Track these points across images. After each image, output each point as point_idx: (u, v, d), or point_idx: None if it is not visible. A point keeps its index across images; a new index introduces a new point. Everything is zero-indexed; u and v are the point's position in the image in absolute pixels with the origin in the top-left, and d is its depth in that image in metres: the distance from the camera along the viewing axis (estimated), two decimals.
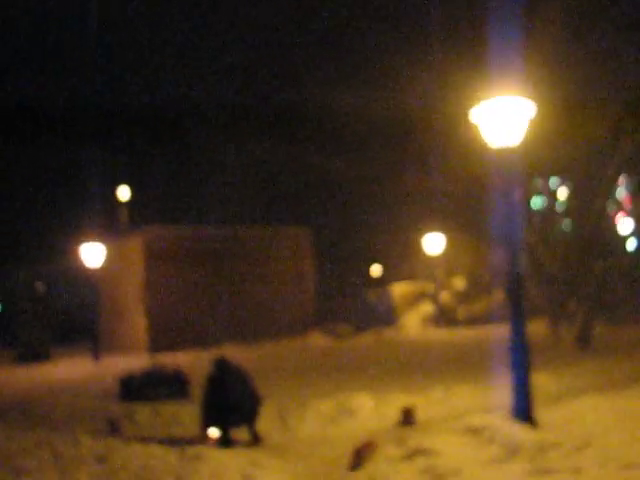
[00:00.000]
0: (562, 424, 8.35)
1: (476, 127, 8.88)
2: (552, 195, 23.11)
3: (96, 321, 27.25)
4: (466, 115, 9.02)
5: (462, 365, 16.07)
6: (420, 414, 10.18)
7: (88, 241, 27.14)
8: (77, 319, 44.58)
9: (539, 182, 22.52)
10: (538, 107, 8.74)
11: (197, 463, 7.71)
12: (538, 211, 22.74)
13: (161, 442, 9.49)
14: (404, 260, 37.10)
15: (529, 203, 21.28)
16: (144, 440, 9.73)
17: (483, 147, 9.17)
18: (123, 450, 8.90)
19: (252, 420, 9.70)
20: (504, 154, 8.60)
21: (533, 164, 17.07)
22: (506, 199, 8.85)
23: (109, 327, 30.31)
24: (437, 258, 31.28)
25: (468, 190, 19.59)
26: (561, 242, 20.89)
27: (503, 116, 8.41)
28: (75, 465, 8.25)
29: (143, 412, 12.19)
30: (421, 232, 31.35)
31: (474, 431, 7.97)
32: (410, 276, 34.76)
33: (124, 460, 8.27)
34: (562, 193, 23.35)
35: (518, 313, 8.55)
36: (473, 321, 29.99)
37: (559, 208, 23.33)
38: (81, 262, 28.25)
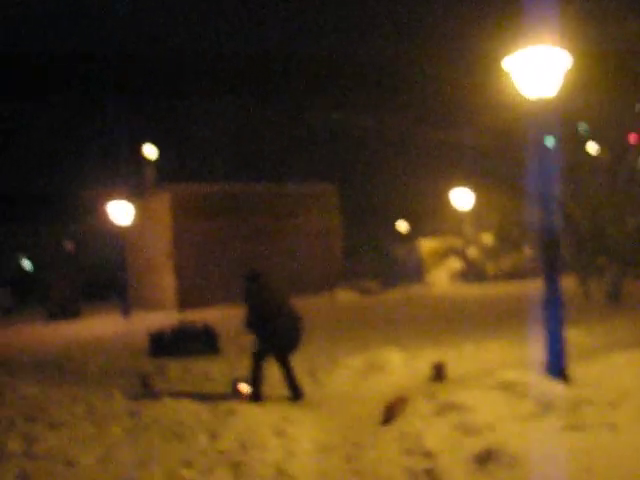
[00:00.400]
0: (596, 380, 8.26)
1: (509, 77, 8.65)
2: (582, 148, 22.64)
3: (125, 279, 27.46)
4: (498, 65, 8.78)
5: (492, 321, 15.98)
6: (451, 370, 10.13)
7: (116, 199, 27.24)
8: (106, 277, 45.08)
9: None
10: (573, 58, 8.48)
11: (230, 418, 7.75)
12: (568, 165, 22.34)
13: (193, 397, 9.56)
14: (432, 216, 36.85)
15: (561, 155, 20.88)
16: (176, 396, 9.81)
17: (516, 98, 8.94)
18: (155, 405, 8.99)
19: (294, 346, 9.42)
20: (539, 105, 8.38)
21: (566, 115, 16.70)
22: (540, 152, 8.65)
23: (138, 284, 30.54)
24: (465, 213, 31.02)
25: (498, 143, 19.28)
26: (592, 197, 20.51)
27: (538, 66, 8.17)
28: (109, 419, 8.36)
29: (174, 368, 12.29)
30: (449, 187, 31.06)
31: (507, 386, 7.90)
32: (438, 232, 34.53)
33: (157, 415, 8.35)
34: (593, 147, 22.85)
35: (552, 268, 8.41)
36: (502, 277, 29.80)
37: (590, 162, 22.89)
38: (109, 220, 28.42)
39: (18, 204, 49.72)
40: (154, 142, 36.28)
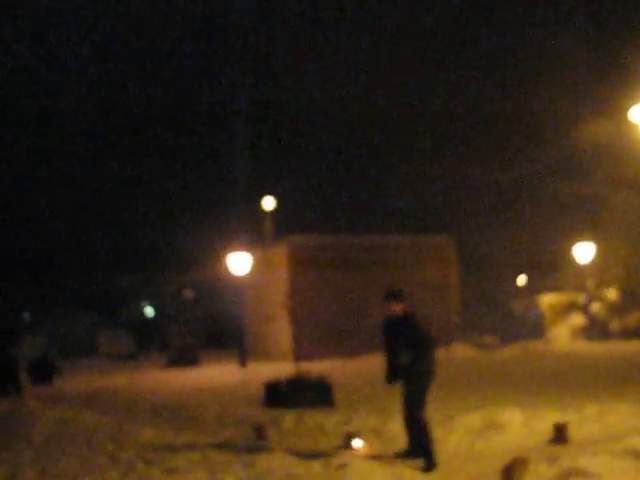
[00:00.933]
0: None
1: (636, 128, 8.36)
2: None
3: (242, 328, 27.96)
4: (624, 117, 8.51)
5: (618, 381, 15.22)
6: (573, 432, 9.67)
7: (235, 250, 27.93)
8: (223, 326, 46.15)
9: None
10: None
11: (342, 472, 7.66)
12: None
13: (306, 450, 9.53)
14: (552, 270, 35.77)
15: None
16: (289, 447, 9.81)
17: None
18: (269, 457, 9.00)
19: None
20: None
21: None
22: None
23: (255, 334, 31.01)
24: (588, 268, 29.93)
25: (625, 196, 18.56)
26: None
27: None
28: (223, 468, 8.43)
29: (288, 419, 12.28)
30: (570, 240, 30.13)
31: (636, 454, 7.44)
32: (559, 286, 33.45)
33: (270, 466, 8.35)
34: None
35: None
36: (628, 335, 28.38)
37: None
38: (227, 270, 29.15)
39: (142, 253, 51.78)
40: (274, 193, 37.29)
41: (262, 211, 37.18)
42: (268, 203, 36.85)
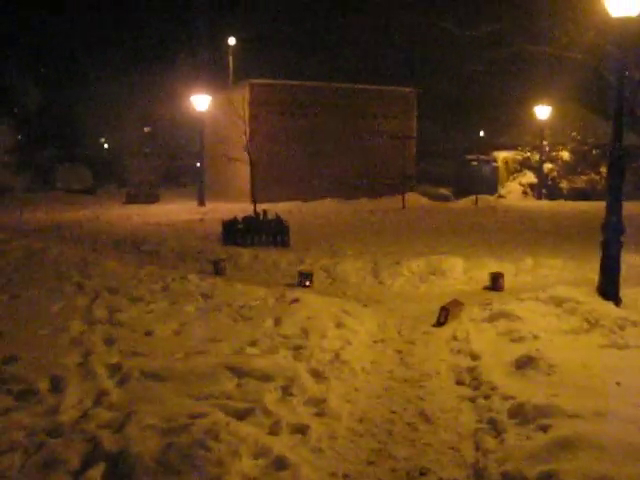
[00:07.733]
0: None
1: None
2: None
3: (202, 168, 28.18)
4: None
5: (557, 237, 16.06)
6: (508, 281, 10.49)
7: (197, 90, 27.71)
8: (183, 165, 46.28)
9: None
10: None
11: (294, 306, 8.34)
12: None
13: (261, 285, 10.21)
14: (509, 128, 36.20)
15: None
16: (246, 282, 10.48)
17: (602, 16, 8.85)
18: (227, 289, 9.68)
19: None
20: (623, 24, 8.32)
21: None
22: (620, 70, 8.65)
23: (214, 174, 31.27)
24: (544, 128, 30.43)
25: (582, 58, 18.70)
26: None
27: None
28: (183, 298, 9.08)
29: (245, 256, 12.91)
30: (529, 100, 30.40)
31: (558, 302, 8.23)
32: (515, 145, 33.98)
33: (227, 298, 9.01)
34: None
35: (616, 189, 8.49)
36: (576, 195, 29.37)
37: None
38: (187, 109, 29.08)
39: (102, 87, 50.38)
40: (238, 36, 36.94)
41: (224, 52, 36.87)
42: (230, 43, 36.85)
